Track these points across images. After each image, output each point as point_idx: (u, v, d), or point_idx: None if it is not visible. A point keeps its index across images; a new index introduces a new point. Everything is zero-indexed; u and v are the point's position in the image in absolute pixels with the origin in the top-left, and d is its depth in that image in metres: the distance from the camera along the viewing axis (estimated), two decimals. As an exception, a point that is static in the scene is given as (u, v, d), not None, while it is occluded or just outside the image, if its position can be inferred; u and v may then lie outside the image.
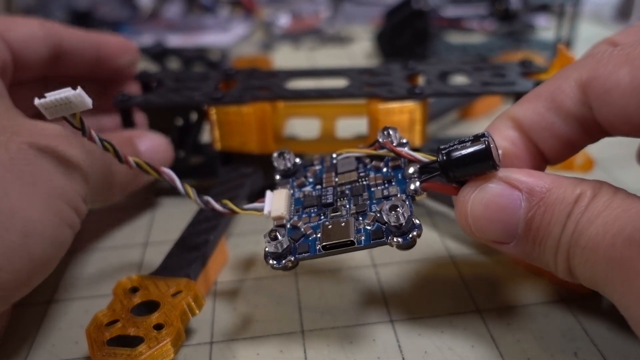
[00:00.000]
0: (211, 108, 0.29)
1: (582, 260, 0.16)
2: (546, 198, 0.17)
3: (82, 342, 0.22)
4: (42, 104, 0.18)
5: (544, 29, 0.61)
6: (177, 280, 0.22)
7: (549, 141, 0.19)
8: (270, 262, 0.19)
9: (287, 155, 0.23)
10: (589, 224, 0.16)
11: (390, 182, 0.21)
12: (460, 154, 0.18)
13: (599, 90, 0.17)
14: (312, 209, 0.21)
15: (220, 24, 0.70)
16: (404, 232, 0.18)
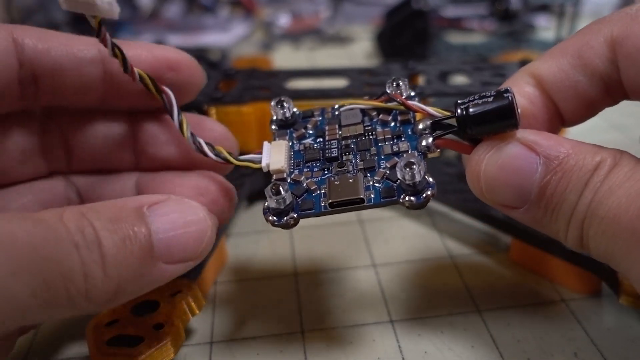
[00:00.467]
0: (211, 108, 0.29)
1: (600, 231, 0.15)
2: (564, 163, 0.16)
3: (82, 342, 0.22)
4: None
5: (544, 28, 0.61)
6: (177, 280, 0.22)
7: (570, 101, 0.18)
8: (270, 219, 0.18)
9: (286, 104, 0.21)
10: (609, 194, 0.15)
11: (399, 137, 0.19)
12: (482, 110, 0.16)
13: (630, 49, 0.16)
14: (315, 163, 0.19)
15: (220, 24, 0.70)
16: (418, 191, 0.17)
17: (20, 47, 0.18)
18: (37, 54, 0.18)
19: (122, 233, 0.15)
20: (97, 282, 0.14)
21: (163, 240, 0.16)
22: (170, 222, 0.16)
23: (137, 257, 0.15)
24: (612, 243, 0.15)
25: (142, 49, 0.20)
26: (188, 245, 0.17)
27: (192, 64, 0.21)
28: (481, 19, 0.60)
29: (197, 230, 0.17)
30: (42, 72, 0.19)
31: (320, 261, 0.26)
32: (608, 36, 0.17)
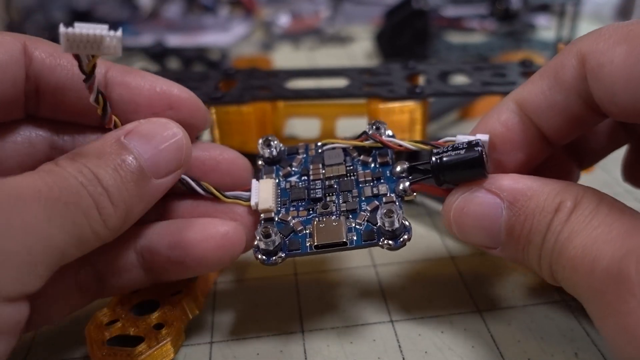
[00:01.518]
0: (211, 108, 0.29)
1: (564, 277, 0.16)
2: (526, 206, 0.17)
3: (82, 342, 0.22)
4: (67, 34, 0.15)
5: (545, 28, 0.61)
6: (177, 280, 0.22)
7: (553, 121, 0.18)
8: (260, 257, 0.19)
9: (273, 142, 0.22)
10: (568, 242, 0.16)
11: (379, 179, 0.21)
12: (453, 160, 0.18)
13: (593, 64, 0.16)
14: (300, 202, 0.21)
15: (220, 23, 0.69)
16: (396, 236, 0.19)
17: (29, 59, 0.19)
18: (43, 70, 0.19)
19: (112, 164, 0.17)
20: (110, 211, 0.16)
21: (149, 160, 0.18)
22: (149, 143, 0.18)
23: (132, 181, 0.17)
24: (575, 290, 0.16)
25: (145, 81, 0.20)
26: (171, 158, 0.19)
27: (195, 104, 0.21)
28: (481, 19, 0.60)
29: (174, 142, 0.19)
30: (45, 88, 0.19)
31: (320, 261, 0.26)
32: (578, 52, 0.17)
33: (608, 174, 0.33)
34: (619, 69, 0.16)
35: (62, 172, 0.16)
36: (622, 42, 0.16)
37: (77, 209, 0.16)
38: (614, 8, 0.68)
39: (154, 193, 0.18)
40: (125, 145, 0.18)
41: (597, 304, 0.15)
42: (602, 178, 0.32)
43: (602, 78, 0.16)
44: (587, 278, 0.15)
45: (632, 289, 0.14)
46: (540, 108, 0.18)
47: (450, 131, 0.41)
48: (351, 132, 0.35)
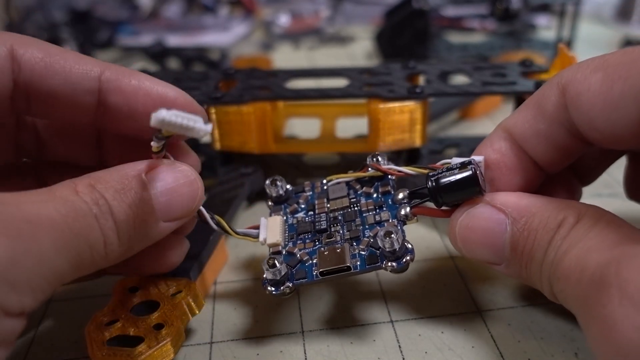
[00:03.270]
0: (211, 108, 0.29)
1: (559, 290, 0.16)
2: (530, 223, 0.17)
3: (82, 341, 0.22)
4: (162, 119, 0.16)
5: (545, 28, 0.61)
6: (177, 280, 0.22)
7: (539, 148, 0.19)
8: (269, 289, 0.20)
9: (279, 183, 0.23)
10: (565, 255, 0.16)
11: (381, 207, 0.21)
12: (449, 181, 0.19)
13: (572, 93, 0.17)
14: (307, 235, 0.21)
15: (220, 23, 0.69)
16: (398, 257, 0.19)
17: (17, 66, 0.18)
18: (34, 77, 0.18)
19: (129, 200, 0.17)
20: (114, 246, 0.17)
21: (162, 202, 0.18)
22: (167, 186, 0.18)
23: (142, 220, 0.18)
24: (567, 303, 0.16)
25: (140, 85, 0.19)
26: (184, 205, 0.19)
27: (192, 108, 0.20)
28: (482, 19, 0.60)
29: (190, 191, 0.19)
30: (36, 95, 0.19)
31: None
32: (559, 83, 0.18)
33: (608, 175, 0.33)
34: (595, 96, 0.16)
35: (79, 202, 0.16)
36: (598, 70, 0.16)
37: (85, 242, 0.16)
38: (614, 8, 0.68)
39: (158, 234, 0.19)
40: (145, 183, 0.18)
41: (582, 311, 0.15)
42: (603, 179, 0.32)
43: (581, 105, 0.17)
44: (575, 287, 0.15)
45: (611, 294, 0.14)
46: (526, 136, 0.19)
47: (451, 131, 0.41)
48: (351, 132, 0.35)
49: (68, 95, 0.19)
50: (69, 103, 0.19)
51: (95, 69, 0.19)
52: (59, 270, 0.15)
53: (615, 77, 0.16)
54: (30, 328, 0.23)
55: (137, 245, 0.18)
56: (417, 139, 0.29)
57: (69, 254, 0.15)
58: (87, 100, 0.19)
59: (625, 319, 0.13)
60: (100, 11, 0.70)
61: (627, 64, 0.16)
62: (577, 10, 0.50)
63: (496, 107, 0.43)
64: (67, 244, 0.15)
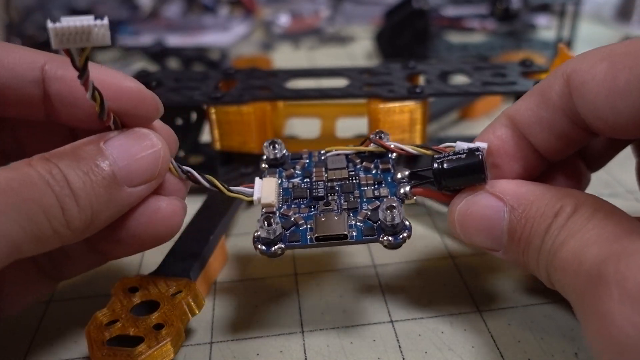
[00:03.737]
0: (211, 108, 0.29)
1: (556, 279, 0.17)
2: (528, 210, 0.18)
3: (82, 342, 0.22)
4: (56, 28, 0.15)
5: (545, 28, 0.61)
6: (177, 280, 0.22)
7: (541, 136, 0.19)
8: (260, 247, 0.19)
9: (277, 145, 0.23)
10: (562, 245, 0.16)
11: (380, 183, 0.21)
12: (454, 165, 0.19)
13: (577, 82, 0.17)
14: (302, 201, 0.21)
15: (220, 23, 0.69)
16: (396, 232, 0.19)
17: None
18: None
19: (85, 168, 0.17)
20: (74, 212, 0.17)
21: (123, 167, 0.18)
22: (126, 150, 0.18)
23: (102, 186, 0.17)
24: (565, 292, 0.16)
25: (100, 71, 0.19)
26: (146, 168, 0.19)
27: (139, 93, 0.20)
28: (482, 19, 0.60)
29: (151, 153, 0.19)
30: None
31: (321, 262, 0.26)
32: (564, 73, 0.18)
33: (608, 174, 0.33)
34: (600, 85, 0.16)
35: (28, 169, 0.16)
36: (603, 59, 0.16)
37: (36, 206, 0.16)
38: (614, 8, 0.68)
39: (124, 201, 0.18)
40: (102, 151, 0.18)
41: (580, 305, 0.15)
42: (603, 178, 0.32)
43: (586, 94, 0.17)
44: (573, 279, 0.15)
45: (609, 291, 0.14)
46: (529, 123, 0.19)
47: (450, 131, 0.41)
48: (351, 132, 0.35)
49: (15, 87, 0.19)
50: (17, 96, 0.19)
51: (39, 59, 0.19)
52: (8, 234, 0.15)
53: (620, 66, 0.16)
54: (31, 328, 0.23)
55: (103, 213, 0.18)
56: (417, 139, 0.29)
57: (18, 217, 0.15)
58: (34, 91, 0.19)
59: (623, 317, 0.13)
60: (100, 11, 0.70)
61: (633, 54, 0.16)
62: (577, 10, 0.50)
63: (496, 107, 0.43)
64: (13, 206, 0.15)
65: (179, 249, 0.24)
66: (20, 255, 0.16)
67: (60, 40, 0.16)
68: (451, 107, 0.40)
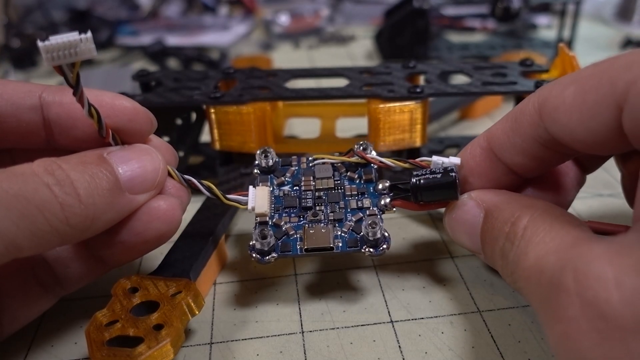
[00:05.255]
0: (210, 108, 0.29)
1: (521, 287, 0.17)
2: (496, 217, 0.19)
3: (82, 342, 0.22)
4: (45, 47, 0.16)
5: (545, 28, 0.61)
6: (177, 280, 0.22)
7: (515, 158, 0.20)
8: (254, 256, 0.21)
9: (270, 154, 0.24)
10: (523, 255, 0.17)
11: (363, 194, 0.23)
12: (430, 183, 0.21)
13: (549, 109, 0.18)
14: (292, 210, 0.23)
15: (220, 23, 0.69)
16: (377, 245, 0.21)
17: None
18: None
19: (90, 171, 0.18)
20: (75, 209, 0.17)
21: (126, 174, 0.19)
22: (129, 160, 0.20)
23: (106, 189, 0.18)
24: (529, 300, 0.17)
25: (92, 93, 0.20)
26: (147, 177, 0.20)
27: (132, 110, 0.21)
28: (482, 18, 0.60)
29: (152, 165, 0.20)
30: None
31: (320, 261, 0.26)
32: (536, 101, 0.18)
33: (608, 174, 0.33)
34: (571, 108, 0.17)
35: (23, 168, 0.16)
36: (571, 84, 0.17)
37: (27, 202, 0.16)
38: (614, 8, 0.68)
39: (125, 206, 0.19)
40: (105, 160, 0.19)
41: (543, 312, 0.16)
42: (603, 178, 0.32)
43: (559, 119, 0.17)
44: (536, 288, 0.16)
45: (569, 298, 0.14)
46: (503, 147, 0.20)
47: (451, 131, 0.41)
48: (351, 132, 0.35)
49: (15, 116, 0.20)
50: (17, 124, 0.20)
51: (36, 89, 0.20)
52: (3, 232, 0.15)
53: (587, 87, 0.16)
54: (30, 328, 0.23)
55: (105, 214, 0.18)
56: (417, 139, 0.29)
57: (8, 213, 0.15)
58: (32, 117, 0.20)
59: (585, 325, 0.14)
60: (99, 11, 0.70)
61: (597, 75, 0.16)
62: (578, 9, 0.50)
63: (496, 107, 0.43)
64: (8, 205, 0.15)
65: (178, 249, 0.24)
66: (19, 253, 0.16)
67: (52, 57, 0.17)
68: (451, 107, 0.40)
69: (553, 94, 0.18)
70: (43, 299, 0.22)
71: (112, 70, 0.54)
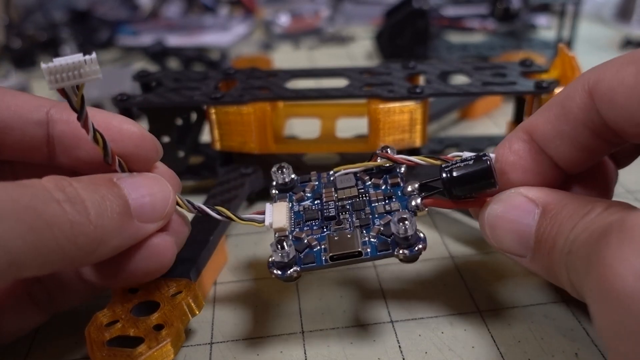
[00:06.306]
0: (211, 108, 0.29)
1: (570, 263, 0.16)
2: (559, 213, 0.17)
3: (82, 342, 0.22)
4: (49, 68, 0.16)
5: (545, 28, 0.61)
6: (177, 280, 0.22)
7: (562, 149, 0.18)
8: (275, 272, 0.19)
9: (285, 170, 0.23)
10: (582, 232, 0.16)
11: (390, 198, 0.21)
12: (463, 173, 0.19)
13: (604, 90, 0.17)
14: (314, 222, 0.21)
15: (220, 23, 0.69)
16: (411, 245, 0.19)
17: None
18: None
19: (101, 192, 0.17)
20: (84, 228, 0.16)
21: (136, 201, 0.18)
22: (139, 188, 0.19)
23: (117, 212, 0.17)
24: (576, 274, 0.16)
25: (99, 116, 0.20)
26: (156, 207, 0.19)
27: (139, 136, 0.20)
28: (482, 19, 0.60)
29: (161, 194, 0.19)
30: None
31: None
32: (585, 84, 0.17)
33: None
34: (631, 88, 0.16)
35: (36, 182, 0.16)
36: (629, 64, 0.16)
37: (38, 216, 0.15)
38: (614, 8, 0.68)
39: (133, 234, 0.18)
40: (116, 184, 0.18)
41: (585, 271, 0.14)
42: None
43: (616, 100, 0.16)
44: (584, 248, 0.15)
45: (609, 239, 0.13)
46: (548, 137, 0.19)
47: (450, 131, 0.41)
48: (351, 132, 0.35)
49: (20, 129, 0.19)
50: (21, 137, 0.19)
51: (45, 104, 0.20)
52: (10, 252, 0.14)
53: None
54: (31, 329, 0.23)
55: (113, 239, 0.17)
56: (417, 139, 0.29)
57: (17, 226, 0.14)
58: (37, 132, 0.20)
59: (623, 262, 0.13)
60: (100, 11, 0.70)
61: None
62: (577, 10, 0.50)
63: (496, 107, 0.43)
64: (12, 214, 0.14)
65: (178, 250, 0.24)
66: (20, 273, 0.15)
67: (55, 79, 0.16)
68: (451, 107, 0.40)
69: (607, 75, 0.16)
70: (35, 315, 0.21)
71: (112, 70, 0.54)
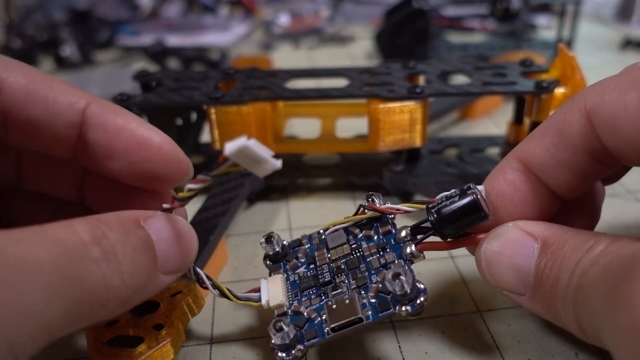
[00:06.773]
0: (211, 108, 0.29)
1: (582, 300, 0.15)
2: (560, 248, 0.16)
3: (82, 342, 0.22)
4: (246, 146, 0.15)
5: (545, 28, 0.61)
6: (177, 280, 0.22)
7: (561, 178, 0.18)
8: (279, 355, 0.18)
9: (274, 239, 0.22)
10: (591, 266, 0.15)
11: (384, 249, 0.20)
12: (450, 210, 0.18)
13: (604, 116, 0.16)
14: (311, 291, 0.20)
15: (220, 23, 0.69)
16: (411, 299, 0.18)
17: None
18: (14, 103, 0.17)
19: (133, 244, 0.16)
20: (118, 291, 0.15)
21: (162, 251, 0.17)
22: (166, 236, 0.17)
23: (146, 267, 0.16)
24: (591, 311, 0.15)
25: (126, 125, 0.18)
26: (181, 257, 0.18)
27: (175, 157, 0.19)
28: (482, 19, 0.60)
29: (187, 243, 0.18)
30: (14, 122, 0.18)
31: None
32: (582, 109, 0.17)
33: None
34: (635, 115, 0.15)
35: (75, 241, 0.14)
36: (630, 89, 0.15)
37: (81, 287, 0.14)
38: (614, 8, 0.68)
39: (156, 287, 0.17)
40: (144, 228, 0.16)
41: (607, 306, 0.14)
42: (603, 178, 0.32)
43: (619, 127, 0.16)
44: (601, 284, 0.14)
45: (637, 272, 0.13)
46: (547, 166, 0.18)
47: (450, 131, 0.41)
48: (351, 132, 0.35)
49: (48, 126, 0.18)
50: (47, 134, 0.18)
51: (81, 101, 0.18)
52: (48, 323, 0.13)
53: None
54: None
55: (138, 296, 0.16)
56: (417, 139, 0.29)
57: (64, 305, 0.13)
58: (67, 133, 0.18)
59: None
60: (100, 11, 0.70)
61: None
62: (577, 10, 0.50)
63: (496, 107, 0.43)
64: (59, 292, 0.13)
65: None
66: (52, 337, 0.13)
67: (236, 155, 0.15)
68: (451, 107, 0.40)
69: (607, 99, 0.16)
70: None
71: (112, 70, 0.54)
